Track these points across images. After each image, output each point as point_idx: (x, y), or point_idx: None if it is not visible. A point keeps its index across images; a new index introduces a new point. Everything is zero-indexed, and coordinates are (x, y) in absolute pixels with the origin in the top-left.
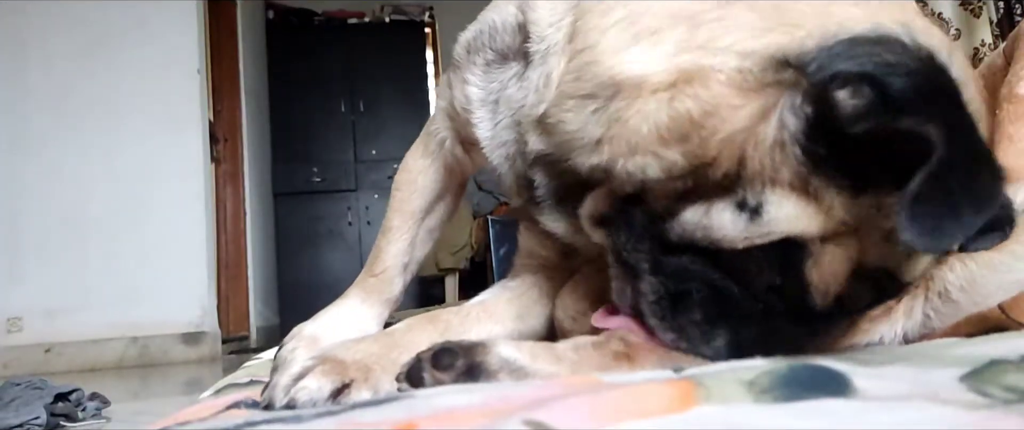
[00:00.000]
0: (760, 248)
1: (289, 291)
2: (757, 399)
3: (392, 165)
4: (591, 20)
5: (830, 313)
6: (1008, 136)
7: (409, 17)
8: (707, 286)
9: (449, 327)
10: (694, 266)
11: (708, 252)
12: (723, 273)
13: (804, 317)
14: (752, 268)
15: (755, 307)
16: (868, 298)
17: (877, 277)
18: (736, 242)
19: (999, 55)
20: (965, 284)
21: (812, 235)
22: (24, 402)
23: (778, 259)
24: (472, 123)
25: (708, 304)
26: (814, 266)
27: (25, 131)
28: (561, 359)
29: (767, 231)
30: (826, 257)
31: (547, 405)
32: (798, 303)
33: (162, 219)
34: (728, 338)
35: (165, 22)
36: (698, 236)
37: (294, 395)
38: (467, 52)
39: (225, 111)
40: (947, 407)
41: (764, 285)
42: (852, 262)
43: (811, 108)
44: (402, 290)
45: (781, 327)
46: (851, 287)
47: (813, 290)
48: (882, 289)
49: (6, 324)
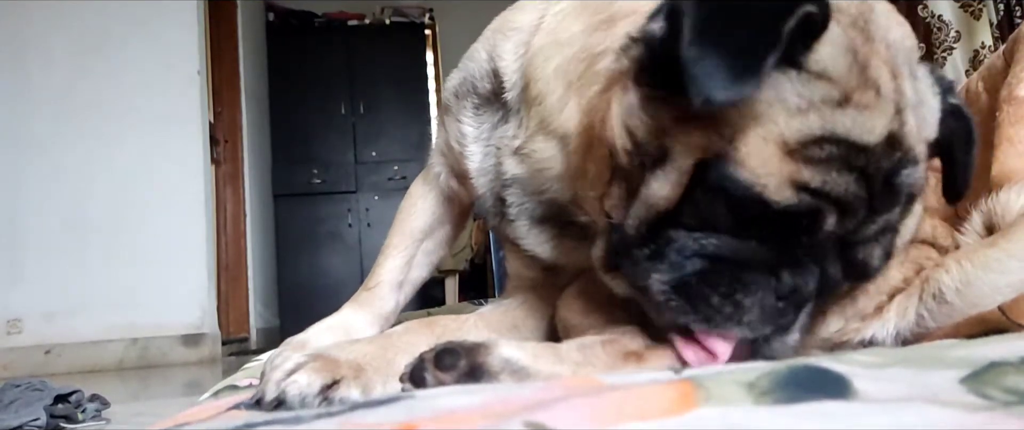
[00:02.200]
0: (699, 189)
1: (289, 293)
2: (757, 401)
3: (392, 166)
4: (537, 67)
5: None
6: (1008, 138)
7: (409, 19)
8: (704, 258)
9: (446, 331)
10: (689, 243)
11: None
12: (719, 238)
13: (789, 240)
14: (715, 211)
15: (748, 250)
16: (836, 166)
17: (828, 151)
18: (672, 197)
19: (999, 57)
20: (960, 286)
21: (719, 148)
22: (24, 403)
23: (716, 184)
24: (465, 156)
25: (712, 276)
26: (739, 166)
27: (25, 133)
28: (563, 359)
29: (680, 166)
30: (744, 152)
31: (548, 406)
32: (764, 213)
33: (162, 221)
34: (756, 301)
35: (165, 24)
36: (651, 217)
37: (285, 388)
38: (456, 97)
39: (225, 113)
40: (947, 409)
41: (730, 219)
42: (777, 143)
43: (640, 50)
44: (395, 307)
45: (787, 265)
46: (803, 168)
47: (759, 187)
48: (843, 159)
49: (6, 325)
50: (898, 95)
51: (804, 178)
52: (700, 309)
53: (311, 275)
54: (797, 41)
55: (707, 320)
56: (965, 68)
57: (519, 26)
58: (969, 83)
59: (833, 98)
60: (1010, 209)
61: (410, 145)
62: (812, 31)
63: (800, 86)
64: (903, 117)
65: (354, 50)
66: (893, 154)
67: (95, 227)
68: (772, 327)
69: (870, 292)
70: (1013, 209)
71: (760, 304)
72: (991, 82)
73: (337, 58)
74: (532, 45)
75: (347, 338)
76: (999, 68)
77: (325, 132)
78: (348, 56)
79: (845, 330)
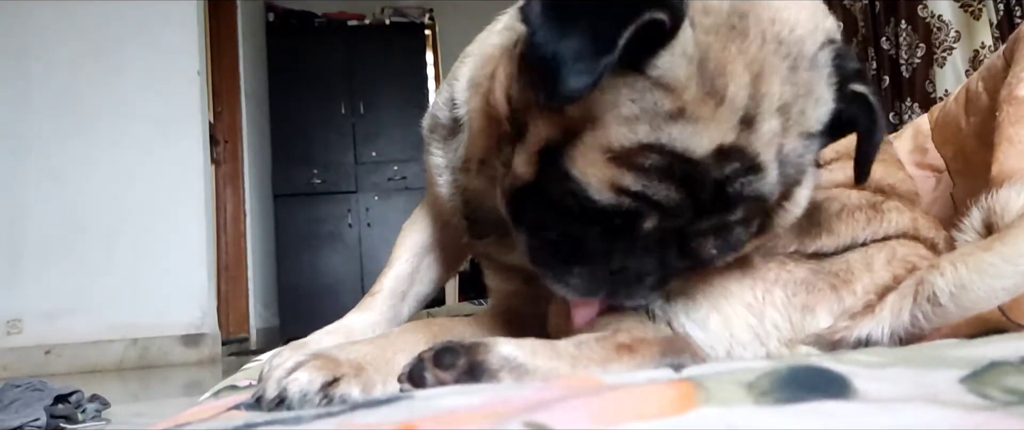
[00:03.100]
0: (543, 175)
1: (289, 293)
2: (757, 401)
3: (392, 167)
4: (472, 102)
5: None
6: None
7: (409, 19)
8: (552, 231)
9: (444, 331)
10: (543, 216)
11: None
12: (561, 217)
13: (620, 229)
14: (560, 193)
15: (584, 231)
16: (658, 174)
17: (652, 160)
18: (527, 175)
19: (999, 57)
20: (954, 289)
21: (559, 140)
22: (24, 404)
23: (552, 172)
24: (438, 185)
25: (556, 247)
26: (571, 161)
27: (25, 133)
28: (561, 355)
29: (530, 148)
30: (575, 151)
31: (548, 407)
32: (592, 207)
33: (162, 221)
34: (585, 273)
35: (165, 24)
36: (515, 187)
37: (286, 386)
38: (430, 131)
39: (225, 113)
40: (947, 409)
41: (570, 206)
42: (602, 148)
43: (522, 27)
44: (398, 315)
45: (621, 242)
46: (625, 173)
47: (583, 184)
48: (665, 168)
49: (6, 326)
50: (753, 101)
51: (625, 183)
52: (545, 266)
53: (311, 275)
54: (641, 47)
55: (548, 276)
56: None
57: (470, 51)
58: (969, 83)
59: (666, 109)
60: (1010, 208)
61: (410, 145)
62: (659, 38)
63: (636, 94)
64: (754, 126)
65: (354, 50)
66: (725, 165)
67: (95, 227)
68: (604, 292)
69: (857, 291)
70: (1012, 208)
71: (587, 275)
72: (991, 82)
73: (337, 58)
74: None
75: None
76: (999, 68)
77: (325, 132)
78: (348, 56)
79: (835, 328)
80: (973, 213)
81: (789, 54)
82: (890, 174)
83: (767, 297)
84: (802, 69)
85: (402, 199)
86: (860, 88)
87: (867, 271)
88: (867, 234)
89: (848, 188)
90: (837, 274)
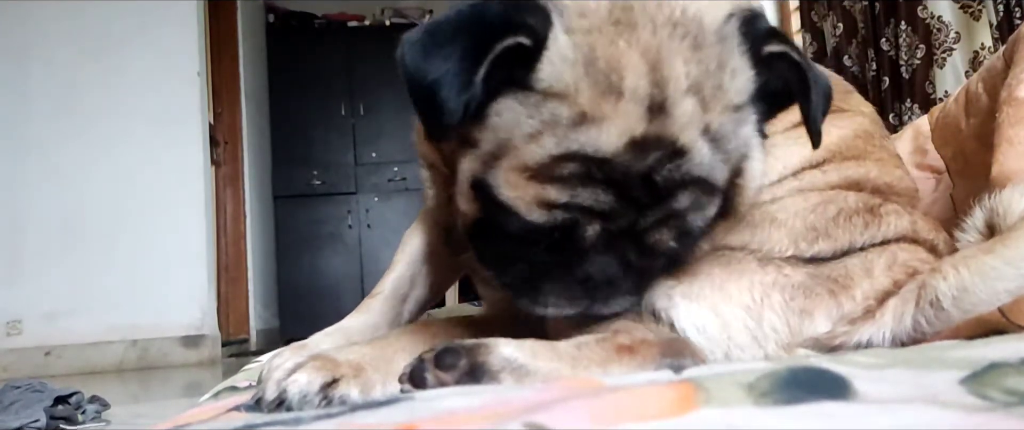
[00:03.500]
0: (483, 209)
1: (289, 294)
2: (757, 402)
3: (392, 168)
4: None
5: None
6: (1008, 139)
7: (409, 20)
8: (513, 260)
9: (441, 332)
10: (501, 247)
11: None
12: (516, 244)
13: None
14: (504, 222)
15: (540, 252)
16: (580, 181)
17: (570, 168)
18: (470, 212)
19: (999, 58)
20: (956, 293)
21: (482, 173)
22: (24, 405)
23: (488, 204)
24: (431, 197)
25: (520, 272)
26: (498, 189)
27: (26, 134)
28: (561, 356)
29: (463, 187)
30: (498, 178)
31: (548, 408)
32: (532, 228)
33: (162, 222)
34: (557, 289)
35: (165, 25)
36: (466, 225)
37: (285, 387)
38: (418, 145)
39: (225, 114)
40: (947, 410)
41: (513, 230)
42: (519, 169)
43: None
44: (397, 317)
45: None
46: (548, 188)
47: (514, 208)
48: (584, 174)
49: (6, 327)
50: (657, 87)
51: (551, 197)
52: (519, 294)
53: (311, 276)
54: (519, 66)
55: (526, 304)
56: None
57: None
58: (969, 84)
59: (565, 115)
60: (1012, 210)
61: (410, 146)
62: (532, 52)
63: (532, 109)
64: (666, 110)
65: (354, 51)
66: (646, 156)
67: (95, 228)
68: (582, 305)
69: (856, 297)
70: (1015, 210)
71: (560, 292)
72: (991, 83)
73: (337, 59)
74: None
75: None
76: (999, 69)
77: (325, 133)
78: (348, 57)
79: (834, 333)
80: (975, 213)
81: (688, 33)
82: (886, 172)
83: (765, 300)
84: (707, 45)
85: (402, 200)
86: (775, 48)
87: (867, 277)
88: (865, 239)
89: (844, 189)
90: (836, 280)
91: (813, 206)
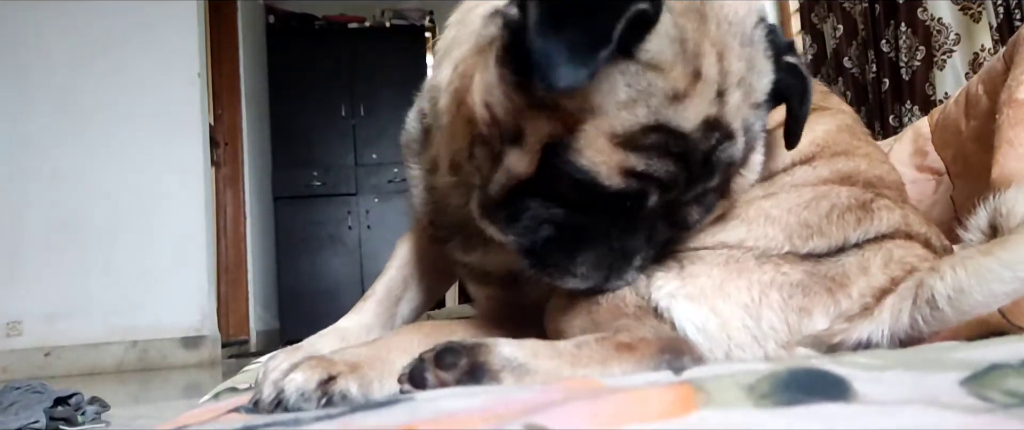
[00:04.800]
0: (546, 168)
1: (289, 295)
2: (757, 403)
3: (392, 169)
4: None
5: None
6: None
7: (409, 22)
8: (551, 225)
9: (438, 332)
10: (541, 211)
11: (549, 199)
12: (565, 209)
13: (626, 211)
14: (562, 186)
15: (587, 220)
16: (658, 152)
17: (653, 139)
18: (527, 171)
19: (999, 60)
20: (953, 293)
21: (562, 135)
22: (24, 406)
23: (554, 166)
24: (414, 196)
25: (556, 241)
26: (577, 153)
27: (26, 135)
28: (561, 355)
29: (531, 147)
30: (581, 142)
31: (548, 409)
32: (599, 192)
33: (162, 223)
34: (591, 260)
35: (166, 26)
36: (510, 185)
37: (283, 386)
38: (405, 146)
39: (225, 115)
40: (947, 412)
41: (574, 194)
42: (607, 135)
43: (501, 28)
44: (392, 318)
45: (625, 230)
46: (631, 156)
47: (593, 173)
48: (664, 146)
49: (6, 328)
50: (722, 76)
51: (631, 165)
52: (547, 264)
53: (311, 278)
54: (630, 35)
55: (552, 273)
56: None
57: (441, 57)
58: (969, 86)
59: (659, 88)
60: (1015, 211)
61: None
62: (645, 25)
63: (631, 78)
64: (725, 98)
65: (354, 53)
66: (711, 136)
67: (95, 229)
68: (606, 278)
69: (854, 294)
70: (1018, 211)
71: (592, 263)
72: (991, 85)
73: (337, 61)
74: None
75: (343, 344)
76: (999, 71)
77: (325, 134)
78: (348, 58)
79: (833, 330)
80: (979, 213)
81: (738, 33)
82: (875, 165)
83: (764, 299)
84: (747, 45)
85: (402, 201)
86: (792, 59)
87: (863, 274)
88: (858, 234)
89: (836, 184)
90: (833, 277)
91: (806, 202)
